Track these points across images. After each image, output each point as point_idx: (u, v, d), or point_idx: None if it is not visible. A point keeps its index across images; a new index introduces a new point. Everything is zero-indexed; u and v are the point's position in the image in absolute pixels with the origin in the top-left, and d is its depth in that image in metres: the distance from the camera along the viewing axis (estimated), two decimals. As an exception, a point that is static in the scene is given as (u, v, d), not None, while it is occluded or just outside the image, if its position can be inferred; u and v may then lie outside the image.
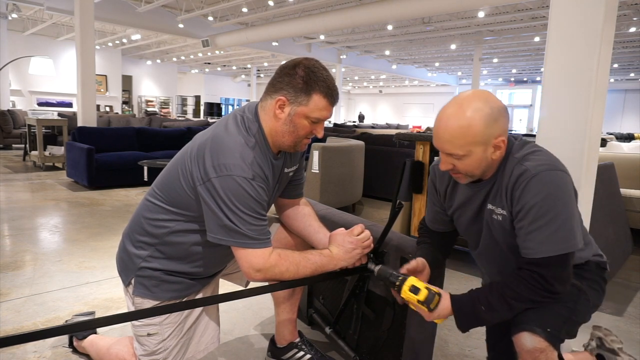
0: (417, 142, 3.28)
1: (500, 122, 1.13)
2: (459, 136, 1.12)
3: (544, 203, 1.08)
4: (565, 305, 1.17)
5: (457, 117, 1.12)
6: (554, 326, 1.12)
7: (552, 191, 1.08)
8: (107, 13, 10.70)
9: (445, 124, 1.14)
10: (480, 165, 1.16)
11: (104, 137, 6.05)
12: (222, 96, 25.35)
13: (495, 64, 18.20)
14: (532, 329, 1.10)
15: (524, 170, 1.11)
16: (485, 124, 1.11)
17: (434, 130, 1.18)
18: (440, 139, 1.16)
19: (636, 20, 10.17)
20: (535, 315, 1.13)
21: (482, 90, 1.18)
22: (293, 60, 1.30)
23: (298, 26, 10.87)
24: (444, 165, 1.20)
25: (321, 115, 1.29)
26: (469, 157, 1.14)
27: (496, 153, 1.15)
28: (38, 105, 14.12)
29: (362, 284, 1.63)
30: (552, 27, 2.14)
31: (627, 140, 9.31)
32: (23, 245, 3.15)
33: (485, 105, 1.11)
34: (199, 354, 1.49)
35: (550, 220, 1.08)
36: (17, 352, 1.79)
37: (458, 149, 1.13)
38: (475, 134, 1.11)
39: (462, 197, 1.31)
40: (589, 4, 2.01)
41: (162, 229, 1.34)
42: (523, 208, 1.11)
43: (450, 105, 1.16)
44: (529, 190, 1.09)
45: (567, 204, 1.09)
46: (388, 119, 26.30)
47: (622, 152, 4.32)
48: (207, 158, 1.23)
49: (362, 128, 11.81)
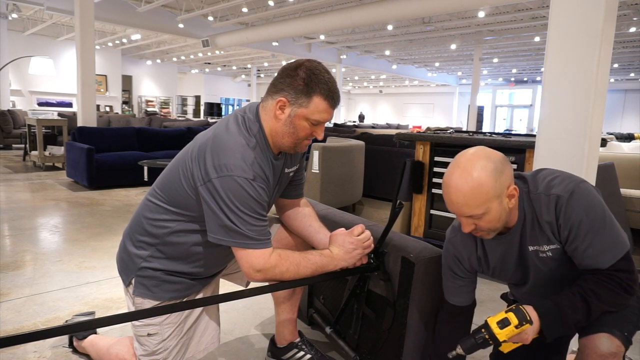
0: (417, 142, 3.28)
1: (506, 172, 1.16)
2: (473, 198, 1.14)
3: (587, 217, 1.12)
4: (632, 311, 1.18)
5: (466, 181, 1.14)
6: (629, 330, 1.13)
7: (589, 204, 1.13)
8: (107, 13, 10.69)
9: (456, 190, 1.16)
10: (501, 218, 1.18)
11: (104, 137, 6.04)
12: (222, 96, 25.34)
13: (495, 64, 18.20)
14: (611, 330, 1.09)
15: (556, 198, 1.15)
16: (494, 179, 1.13)
17: (446, 197, 1.20)
18: (455, 205, 1.18)
19: (636, 20, 10.17)
20: (613, 317, 1.13)
21: (479, 147, 1.21)
22: (295, 62, 1.30)
23: (298, 26, 10.86)
24: (466, 228, 1.21)
25: (321, 118, 1.29)
26: (488, 213, 1.16)
27: (512, 201, 1.18)
28: (38, 105, 14.12)
29: (362, 284, 1.63)
30: (552, 27, 2.14)
31: (627, 140, 9.31)
32: (23, 245, 3.15)
33: (487, 162, 1.14)
34: (199, 354, 1.49)
35: (599, 230, 1.12)
36: (17, 352, 1.79)
37: (475, 210, 1.15)
38: (487, 191, 1.13)
39: (497, 253, 1.31)
40: (589, 4, 2.01)
41: (163, 229, 1.34)
42: (571, 231, 1.14)
43: (454, 171, 1.18)
44: (570, 212, 1.13)
45: (604, 210, 1.14)
46: (388, 119, 26.30)
47: (622, 152, 4.32)
48: (208, 158, 1.23)
49: (362, 128, 11.82)
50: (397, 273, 1.48)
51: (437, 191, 3.15)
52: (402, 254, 1.47)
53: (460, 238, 1.32)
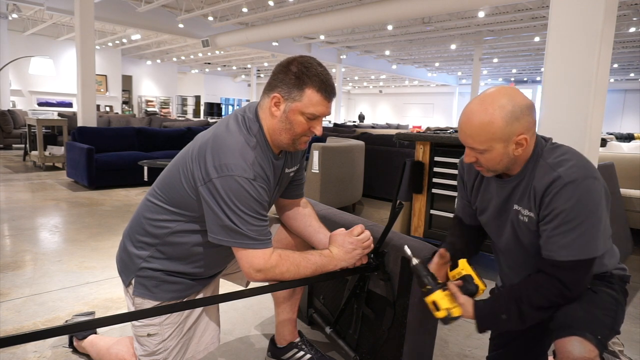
0: (417, 142, 3.28)
1: (523, 121, 1.15)
2: (480, 131, 1.15)
3: (572, 210, 1.10)
4: (608, 314, 1.16)
5: (479, 113, 1.15)
6: (604, 334, 1.10)
7: (582, 199, 1.10)
8: (107, 13, 10.69)
9: (468, 119, 1.18)
10: (502, 161, 1.19)
11: (104, 137, 6.04)
12: (222, 96, 25.34)
13: (495, 64, 18.20)
14: (583, 334, 1.07)
15: (556, 177, 1.13)
16: (506, 122, 1.13)
17: (459, 123, 1.22)
18: (463, 133, 1.20)
19: (636, 20, 10.16)
20: (585, 319, 1.11)
21: (510, 87, 1.20)
22: (288, 58, 1.30)
23: (298, 26, 10.86)
24: (467, 158, 1.24)
25: (316, 111, 1.27)
26: (489, 152, 1.17)
27: (518, 150, 1.17)
28: (38, 105, 14.13)
29: (362, 284, 1.63)
30: (552, 27, 2.15)
31: (627, 140, 9.31)
32: (23, 245, 3.15)
33: (508, 103, 1.14)
34: (199, 354, 1.49)
35: (575, 226, 1.10)
36: (17, 352, 1.79)
37: (479, 144, 1.17)
38: (495, 131, 1.14)
39: (488, 192, 1.34)
40: (589, 4, 2.01)
41: (163, 229, 1.34)
42: (551, 213, 1.13)
43: (475, 101, 1.19)
44: (560, 197, 1.12)
45: (594, 212, 1.11)
46: (388, 119, 26.30)
47: (622, 152, 4.32)
48: (208, 158, 1.23)
49: (362, 128, 11.81)
50: (397, 273, 1.48)
51: (437, 191, 3.15)
52: (402, 254, 1.47)
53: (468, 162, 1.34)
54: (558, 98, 2.13)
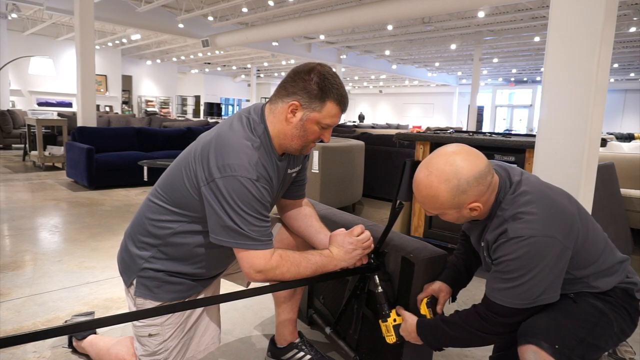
0: (417, 142, 3.28)
1: (470, 193, 1.15)
2: (428, 202, 1.19)
3: (513, 262, 1.11)
4: (581, 325, 1.12)
5: (425, 185, 1.18)
6: (565, 344, 1.07)
7: (525, 257, 1.09)
8: (107, 13, 10.69)
9: (416, 187, 1.21)
10: (459, 220, 1.23)
11: (104, 137, 6.04)
12: (222, 96, 25.33)
13: (495, 64, 18.20)
14: (538, 342, 1.07)
15: (504, 230, 1.14)
16: (452, 195, 1.15)
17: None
18: (417, 198, 1.23)
19: (636, 20, 10.17)
20: (546, 328, 1.10)
21: (459, 152, 1.17)
22: (306, 66, 1.31)
23: (298, 26, 10.86)
24: (428, 213, 1.28)
25: (332, 122, 1.31)
26: (444, 215, 1.21)
27: (473, 213, 1.19)
28: (38, 105, 14.11)
29: (362, 285, 1.62)
30: (552, 27, 2.15)
31: (627, 140, 9.32)
32: (23, 245, 3.15)
33: (453, 177, 1.14)
34: (199, 354, 1.49)
35: (513, 278, 1.11)
36: (17, 352, 1.79)
37: (432, 210, 1.21)
38: (442, 203, 1.17)
39: (473, 231, 1.36)
40: (589, 4, 2.01)
41: (165, 230, 1.34)
42: (497, 259, 1.16)
43: (422, 168, 1.21)
44: (503, 249, 1.14)
45: (536, 271, 1.09)
46: (388, 119, 26.29)
47: (622, 152, 4.32)
48: (211, 158, 1.22)
49: (362, 128, 11.81)
50: (397, 273, 1.49)
51: (437, 191, 3.14)
52: (402, 254, 1.47)
53: None
54: (558, 98, 2.13)
